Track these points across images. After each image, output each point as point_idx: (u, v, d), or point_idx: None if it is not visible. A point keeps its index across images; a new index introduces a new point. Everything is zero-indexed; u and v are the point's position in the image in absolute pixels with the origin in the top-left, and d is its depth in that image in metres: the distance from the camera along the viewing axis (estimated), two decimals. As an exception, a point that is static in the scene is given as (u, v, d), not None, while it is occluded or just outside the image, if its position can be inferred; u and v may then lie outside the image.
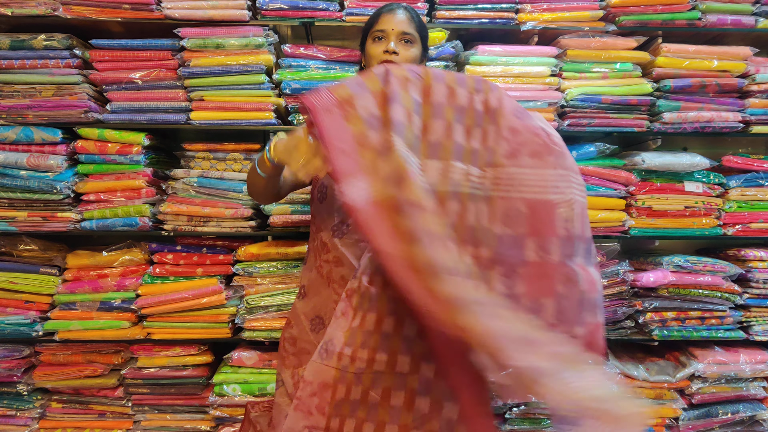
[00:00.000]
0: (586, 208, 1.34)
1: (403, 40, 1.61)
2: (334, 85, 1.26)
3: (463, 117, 1.32)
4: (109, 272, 2.22)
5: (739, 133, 2.29)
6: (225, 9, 2.11)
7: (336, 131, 1.19)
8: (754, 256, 2.30)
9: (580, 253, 1.30)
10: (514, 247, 1.27)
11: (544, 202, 1.28)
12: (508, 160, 1.30)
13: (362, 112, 1.22)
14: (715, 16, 2.22)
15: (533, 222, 1.27)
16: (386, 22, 1.61)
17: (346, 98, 1.22)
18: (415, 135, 1.25)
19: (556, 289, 1.26)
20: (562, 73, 2.25)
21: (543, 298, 1.26)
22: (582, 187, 1.35)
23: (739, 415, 2.31)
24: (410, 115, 1.25)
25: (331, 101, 1.22)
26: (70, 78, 2.12)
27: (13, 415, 2.31)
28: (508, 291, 1.26)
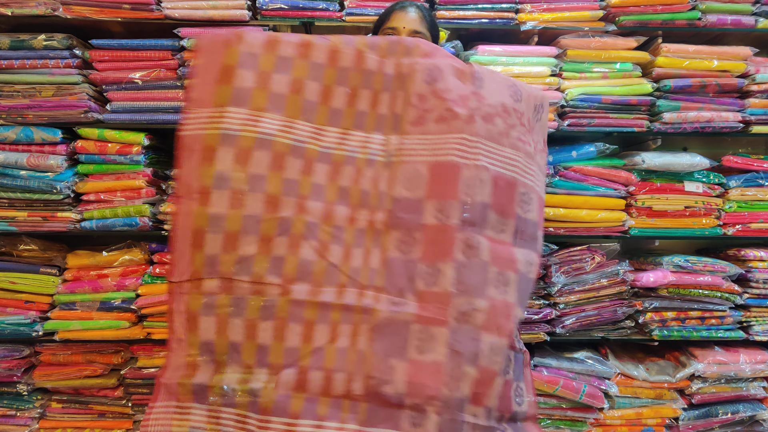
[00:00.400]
0: (508, 182, 1.30)
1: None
2: (233, 37, 1.27)
3: (371, 82, 1.32)
4: (109, 272, 2.22)
5: (739, 133, 2.29)
6: (225, 9, 2.11)
7: (204, 85, 1.25)
8: (754, 256, 2.30)
9: (491, 226, 1.28)
10: (413, 210, 1.25)
11: (445, 164, 1.26)
12: (414, 127, 1.30)
13: (237, 83, 1.25)
14: (715, 16, 2.22)
15: (433, 184, 1.26)
16: (398, 19, 1.61)
17: (229, 67, 1.25)
18: (308, 102, 1.27)
19: (455, 255, 1.23)
20: (562, 73, 2.25)
21: (441, 263, 1.23)
22: (507, 160, 1.32)
23: (739, 415, 2.31)
24: (301, 83, 1.27)
25: (215, 64, 1.25)
26: (70, 78, 2.12)
27: (13, 415, 2.31)
28: (404, 255, 1.25)
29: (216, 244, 1.22)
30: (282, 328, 1.22)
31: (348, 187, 1.27)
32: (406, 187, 1.27)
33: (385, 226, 1.26)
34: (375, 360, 1.21)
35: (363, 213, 1.27)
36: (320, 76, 1.30)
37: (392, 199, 1.27)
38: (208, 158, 1.23)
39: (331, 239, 1.25)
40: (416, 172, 1.27)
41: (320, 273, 1.24)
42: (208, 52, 1.27)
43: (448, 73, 1.33)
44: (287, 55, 1.28)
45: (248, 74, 1.25)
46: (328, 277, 1.24)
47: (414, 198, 1.26)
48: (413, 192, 1.26)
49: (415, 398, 1.20)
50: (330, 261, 1.24)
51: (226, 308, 1.23)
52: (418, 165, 1.27)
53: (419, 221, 1.25)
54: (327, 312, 1.23)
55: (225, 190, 1.23)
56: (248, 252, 1.22)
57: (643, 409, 2.29)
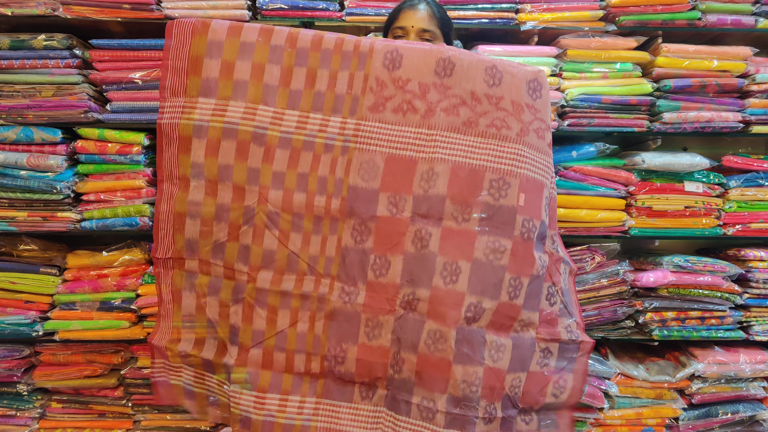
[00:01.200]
0: (471, 171, 1.33)
1: (422, 38, 1.57)
2: (199, 26, 1.35)
3: (329, 61, 1.35)
4: (109, 272, 2.22)
5: (739, 133, 2.29)
6: (225, 9, 2.11)
7: (176, 61, 1.36)
8: (754, 256, 2.30)
9: (450, 216, 1.32)
10: (367, 201, 1.32)
11: (401, 158, 1.32)
12: (371, 113, 1.33)
13: (204, 73, 1.34)
14: (715, 16, 2.22)
15: (388, 177, 1.31)
16: (406, 18, 1.58)
17: (197, 57, 1.34)
18: (270, 86, 1.33)
19: (405, 247, 1.31)
20: (562, 73, 2.25)
21: (390, 255, 1.31)
22: (472, 149, 1.34)
23: (739, 415, 2.31)
24: (261, 68, 1.33)
25: (185, 53, 1.35)
26: (70, 78, 2.12)
27: (13, 415, 2.31)
28: (358, 245, 1.33)
29: (194, 229, 1.36)
30: (250, 311, 1.34)
31: (305, 174, 1.34)
32: (362, 176, 1.32)
33: (340, 214, 1.34)
34: (329, 344, 1.35)
35: (320, 199, 1.34)
36: (279, 59, 1.34)
37: (348, 187, 1.33)
38: (184, 149, 1.34)
39: (290, 227, 1.34)
40: (372, 163, 1.32)
41: (282, 260, 1.35)
42: (177, 40, 1.36)
43: (409, 58, 1.35)
44: (249, 41, 1.34)
45: (214, 64, 1.33)
46: (289, 264, 1.35)
47: (369, 188, 1.32)
48: (368, 183, 1.32)
49: (364, 377, 1.35)
50: (290, 249, 1.34)
51: (204, 287, 1.38)
52: (375, 155, 1.32)
53: (373, 212, 1.32)
54: (288, 299, 1.35)
55: (201, 179, 1.34)
56: (221, 238, 1.35)
57: (643, 409, 2.29)
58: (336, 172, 1.33)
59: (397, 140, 1.33)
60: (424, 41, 1.56)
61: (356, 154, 1.32)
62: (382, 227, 1.32)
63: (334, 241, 1.34)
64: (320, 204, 1.34)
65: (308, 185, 1.34)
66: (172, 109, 1.36)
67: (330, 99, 1.34)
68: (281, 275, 1.35)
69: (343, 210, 1.33)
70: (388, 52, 1.34)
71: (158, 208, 1.39)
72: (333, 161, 1.33)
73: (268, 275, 1.35)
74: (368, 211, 1.32)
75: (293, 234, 1.34)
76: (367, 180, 1.32)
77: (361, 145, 1.33)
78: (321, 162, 1.33)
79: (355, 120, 1.34)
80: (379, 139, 1.32)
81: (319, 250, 1.35)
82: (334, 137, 1.33)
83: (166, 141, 1.37)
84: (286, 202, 1.34)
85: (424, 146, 1.32)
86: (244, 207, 1.33)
